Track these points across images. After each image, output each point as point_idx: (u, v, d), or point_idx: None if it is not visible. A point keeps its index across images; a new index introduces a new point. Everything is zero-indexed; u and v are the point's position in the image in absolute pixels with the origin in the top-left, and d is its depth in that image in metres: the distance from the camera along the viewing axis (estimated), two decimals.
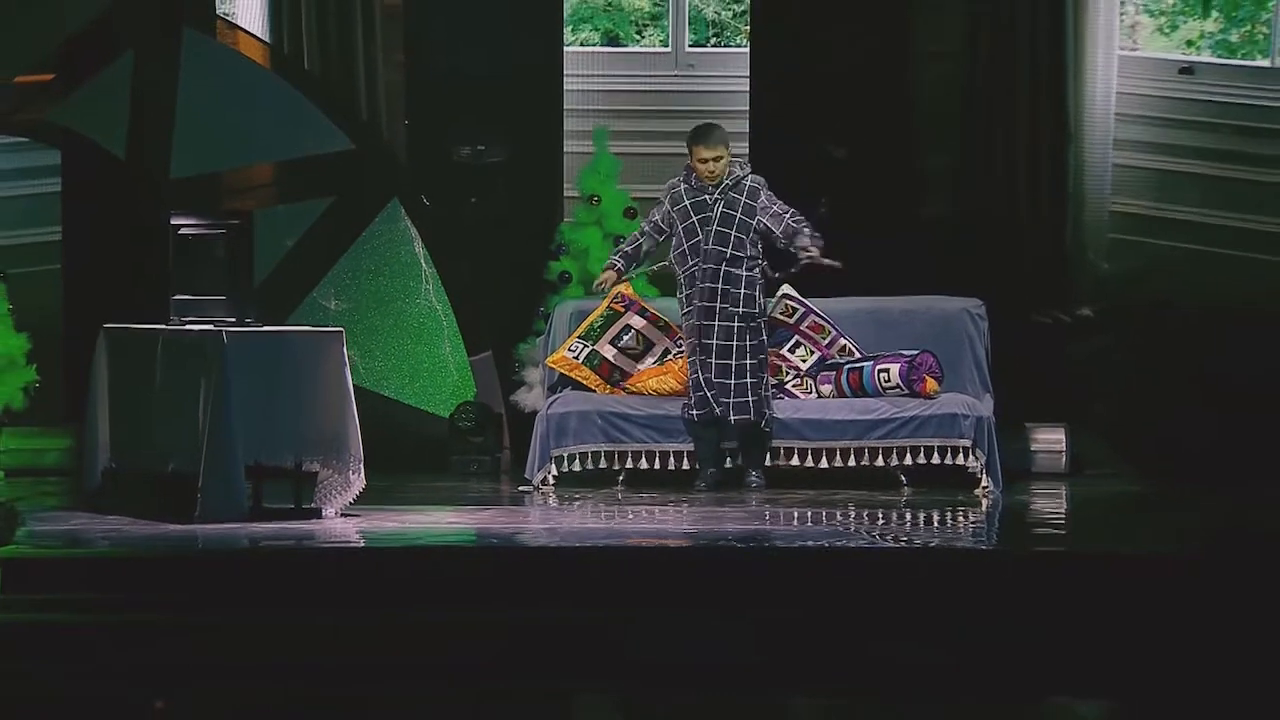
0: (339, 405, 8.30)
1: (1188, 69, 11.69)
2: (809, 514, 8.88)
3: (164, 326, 8.38)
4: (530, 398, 10.89)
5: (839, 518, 8.74)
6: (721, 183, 9.71)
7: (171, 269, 8.45)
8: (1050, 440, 10.81)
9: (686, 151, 9.78)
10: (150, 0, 11.13)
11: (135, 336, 8.51)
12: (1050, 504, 9.79)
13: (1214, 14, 11.48)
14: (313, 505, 8.39)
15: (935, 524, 8.72)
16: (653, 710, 6.45)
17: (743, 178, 9.76)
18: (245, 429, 8.05)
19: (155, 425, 8.30)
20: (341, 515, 8.41)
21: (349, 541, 7.90)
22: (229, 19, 11.59)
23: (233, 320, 8.19)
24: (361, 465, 8.35)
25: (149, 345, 8.36)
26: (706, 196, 9.71)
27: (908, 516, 8.88)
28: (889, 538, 8.06)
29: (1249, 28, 11.47)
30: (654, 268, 10.33)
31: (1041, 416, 10.84)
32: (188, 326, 8.27)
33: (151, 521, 8.14)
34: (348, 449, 8.31)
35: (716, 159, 9.69)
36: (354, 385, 10.78)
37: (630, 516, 8.98)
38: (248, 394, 8.06)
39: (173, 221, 8.45)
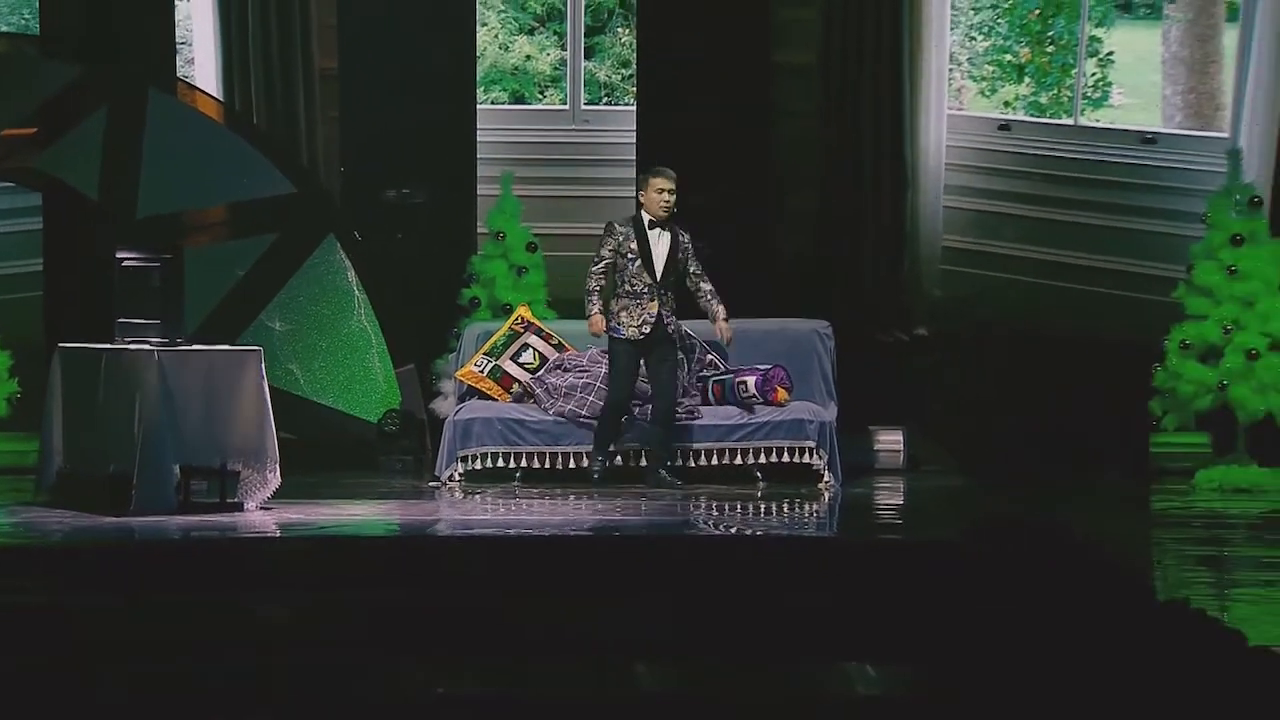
0: (258, 413, 8.12)
1: (1005, 126, 11.66)
2: (676, 506, 8.74)
3: (107, 346, 8.17)
4: (446, 405, 10.71)
5: (702, 509, 8.62)
6: (667, 219, 9.36)
7: (114, 296, 8.23)
8: (890, 441, 10.78)
9: (641, 187, 9.42)
10: (120, 65, 10.92)
11: (83, 354, 8.33)
12: (886, 496, 9.74)
13: (1027, 79, 11.46)
14: (235, 500, 8.19)
15: (784, 514, 8.64)
16: (523, 680, 6.25)
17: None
18: (175, 434, 7.88)
19: (99, 431, 8.12)
20: (260, 509, 8.24)
21: (266, 531, 7.74)
22: (188, 81, 11.44)
23: (165, 341, 7.99)
24: (278, 465, 8.18)
25: (94, 362, 8.18)
26: (655, 230, 9.35)
27: (761, 508, 8.77)
28: (748, 529, 7.93)
29: (1056, 91, 11.47)
30: None
31: (883, 420, 10.80)
32: (127, 346, 8.04)
33: (93, 515, 7.95)
34: (266, 451, 8.14)
35: (672, 191, 9.34)
36: (296, 395, 10.77)
37: (525, 508, 8.81)
38: (177, 404, 7.89)
39: (117, 254, 8.22)
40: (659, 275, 9.32)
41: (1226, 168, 10.42)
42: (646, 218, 9.38)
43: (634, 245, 9.31)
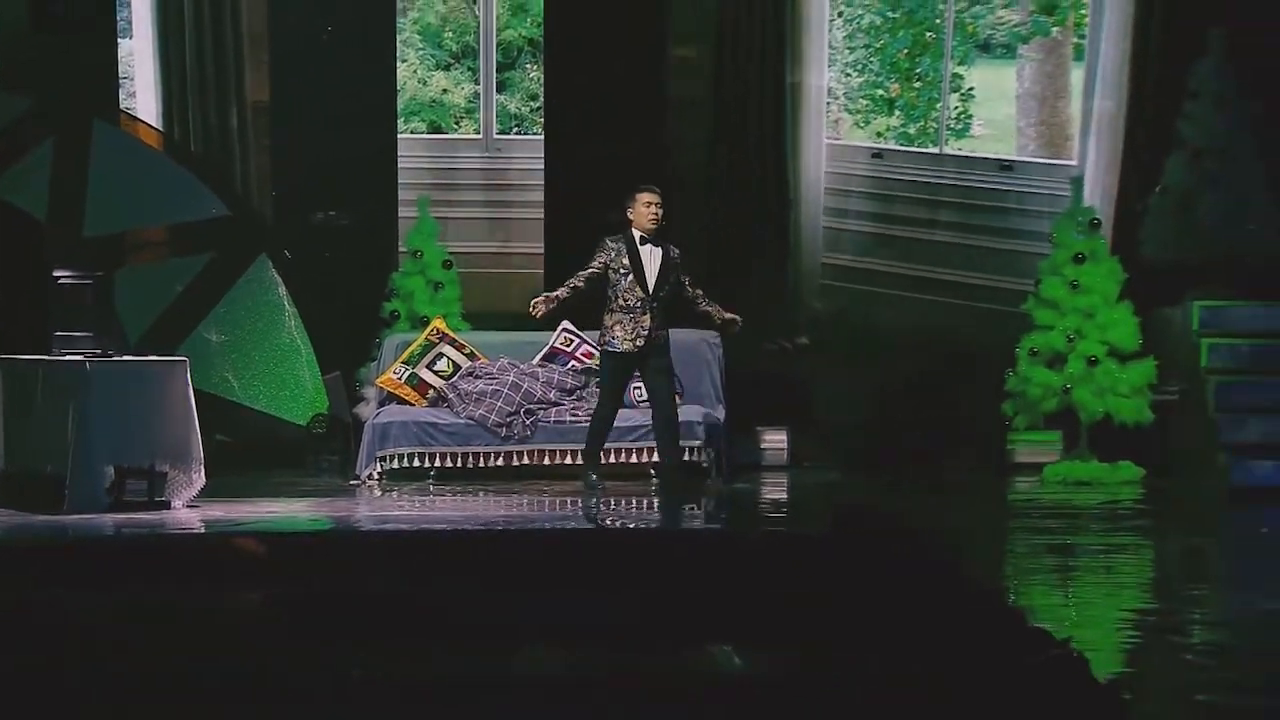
0: (184, 418, 7.98)
1: (878, 154, 11.67)
2: (578, 501, 8.71)
3: (44, 357, 8.03)
4: (369, 410, 10.60)
5: (599, 505, 8.57)
6: (658, 232, 8.91)
7: (51, 311, 8.10)
8: (775, 440, 10.80)
9: (629, 204, 8.93)
10: (67, 98, 10.75)
11: (23, 365, 8.16)
12: (770, 491, 9.70)
13: (897, 112, 11.50)
14: (163, 499, 8.06)
15: (676, 508, 8.61)
16: (426, 664, 6.15)
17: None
18: (106, 438, 7.73)
19: (36, 436, 7.96)
20: (187, 507, 8.12)
21: (192, 528, 7.59)
22: (130, 112, 11.28)
23: (98, 352, 7.85)
24: (203, 466, 8.04)
25: (33, 372, 8.02)
26: (647, 246, 8.88)
27: (655, 503, 8.74)
28: (642, 523, 7.91)
29: (923, 123, 11.52)
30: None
31: (769, 421, 10.79)
32: (62, 357, 7.90)
33: (29, 513, 7.80)
34: (191, 453, 8.01)
35: (660, 205, 8.91)
36: (231, 400, 10.63)
37: (437, 504, 8.70)
38: (108, 410, 7.75)
39: (53, 273, 8.08)
40: (651, 289, 8.83)
41: (1071, 192, 10.50)
42: (637, 234, 8.89)
43: (625, 260, 8.81)
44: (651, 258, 8.89)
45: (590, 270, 8.87)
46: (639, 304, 8.83)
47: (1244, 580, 6.99)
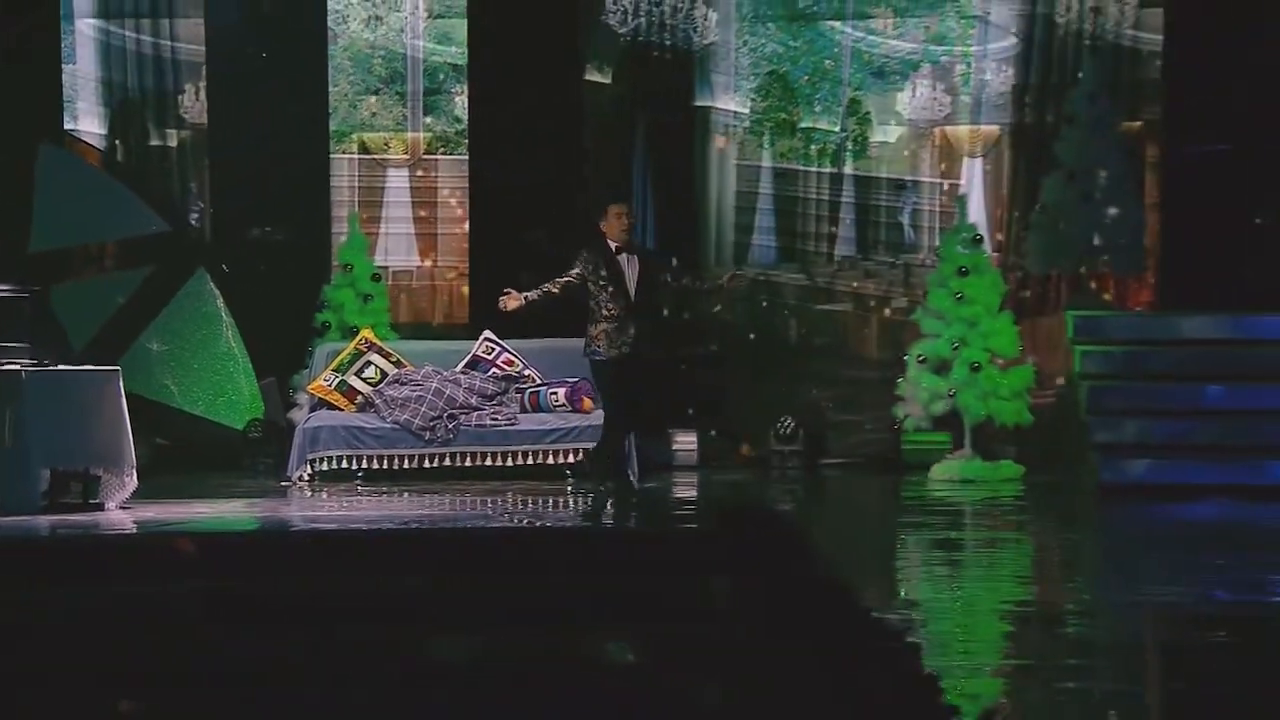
0: (116, 424, 7.87)
1: (783, 174, 11.64)
2: (495, 500, 8.64)
3: None
4: (301, 415, 10.47)
5: (515, 503, 8.49)
6: (631, 241, 8.44)
7: None
8: (686, 441, 10.76)
9: (600, 218, 8.37)
10: (12, 122, 10.55)
11: None
12: (681, 490, 9.71)
13: (799, 134, 11.52)
14: (97, 501, 7.93)
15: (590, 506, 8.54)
16: (341, 649, 6.04)
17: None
18: (41, 444, 7.59)
19: None
20: (120, 508, 8.01)
21: (124, 528, 7.47)
22: (75, 134, 11.09)
23: (34, 362, 7.70)
24: (134, 470, 7.91)
25: None
26: (623, 255, 8.34)
27: (571, 502, 8.72)
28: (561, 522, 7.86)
29: (824, 145, 11.53)
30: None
31: (680, 424, 10.73)
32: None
33: None
34: (124, 457, 7.90)
35: (630, 215, 8.46)
36: (171, 406, 10.47)
37: (362, 504, 8.60)
38: (42, 417, 7.61)
39: None
40: (633, 298, 8.26)
41: (957, 210, 10.56)
42: (612, 245, 8.36)
43: (604, 272, 8.22)
44: (629, 266, 8.42)
45: (565, 279, 8.41)
46: (622, 313, 8.35)
47: (1113, 574, 7.02)
